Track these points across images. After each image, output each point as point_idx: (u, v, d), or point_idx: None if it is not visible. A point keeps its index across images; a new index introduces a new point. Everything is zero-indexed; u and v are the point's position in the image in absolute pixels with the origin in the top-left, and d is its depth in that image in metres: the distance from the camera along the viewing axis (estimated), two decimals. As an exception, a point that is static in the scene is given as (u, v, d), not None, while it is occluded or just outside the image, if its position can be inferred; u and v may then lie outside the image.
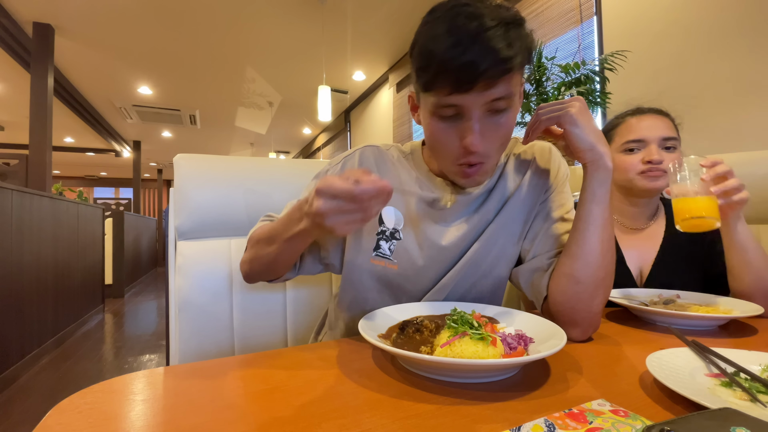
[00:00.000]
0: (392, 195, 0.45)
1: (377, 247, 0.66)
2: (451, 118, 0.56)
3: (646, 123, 0.89)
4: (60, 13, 3.19)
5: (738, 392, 0.39)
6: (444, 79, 0.52)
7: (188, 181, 0.88)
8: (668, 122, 0.91)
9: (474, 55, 0.49)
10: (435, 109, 0.56)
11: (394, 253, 0.66)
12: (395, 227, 0.66)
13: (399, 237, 0.66)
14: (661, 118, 0.91)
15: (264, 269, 0.66)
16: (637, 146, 0.89)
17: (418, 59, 0.55)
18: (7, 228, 2.21)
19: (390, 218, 0.66)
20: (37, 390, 2.15)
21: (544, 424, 0.32)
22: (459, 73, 0.50)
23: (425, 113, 0.59)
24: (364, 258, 0.66)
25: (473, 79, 0.50)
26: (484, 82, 0.50)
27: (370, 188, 0.42)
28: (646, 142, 0.88)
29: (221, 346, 0.86)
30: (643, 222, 0.95)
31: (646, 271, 0.91)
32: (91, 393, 0.41)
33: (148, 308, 4.28)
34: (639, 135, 0.89)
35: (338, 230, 0.45)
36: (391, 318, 0.59)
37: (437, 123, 0.57)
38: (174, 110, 5.62)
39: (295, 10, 3.16)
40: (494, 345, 0.46)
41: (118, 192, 12.03)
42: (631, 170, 0.89)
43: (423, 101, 0.59)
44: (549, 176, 0.69)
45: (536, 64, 1.52)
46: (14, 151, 7.02)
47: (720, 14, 1.44)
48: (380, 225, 0.66)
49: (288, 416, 0.36)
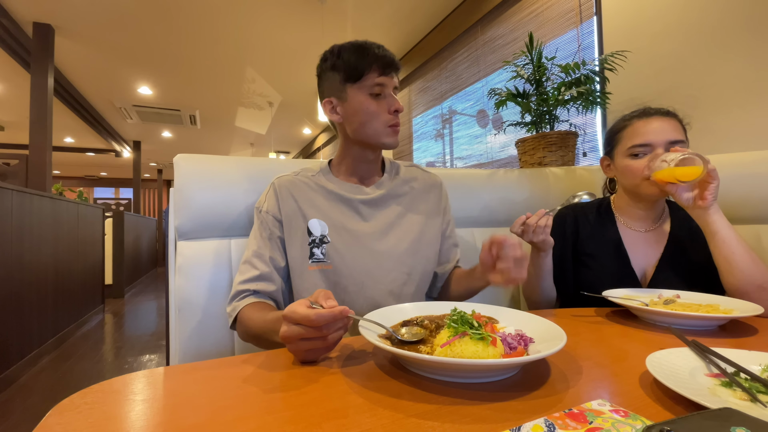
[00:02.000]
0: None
1: (311, 255, 0.79)
2: (378, 96, 0.80)
3: (653, 126, 0.88)
4: (60, 13, 3.19)
5: (738, 392, 0.39)
6: (376, 67, 0.78)
7: (188, 182, 0.88)
8: (675, 124, 0.89)
9: (390, 53, 0.80)
10: (368, 90, 0.79)
11: (326, 255, 0.79)
12: (322, 234, 0.80)
13: (327, 241, 0.80)
14: (668, 120, 0.89)
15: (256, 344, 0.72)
16: (643, 151, 0.88)
17: (351, 58, 0.79)
18: (7, 228, 2.21)
19: (316, 228, 0.80)
20: (38, 390, 2.15)
21: (544, 424, 0.32)
22: (385, 62, 0.79)
23: (357, 100, 0.80)
24: (303, 267, 0.79)
25: (392, 66, 0.80)
26: (395, 71, 0.81)
27: (326, 314, 0.47)
28: (653, 147, 0.87)
29: (221, 346, 0.86)
30: (650, 224, 0.95)
31: (650, 273, 0.91)
32: (91, 393, 0.41)
33: (148, 308, 4.28)
34: (645, 139, 0.87)
35: (299, 358, 0.51)
36: (391, 318, 0.59)
37: (370, 101, 0.79)
38: (174, 110, 5.62)
39: (295, 10, 3.16)
40: (494, 345, 0.46)
41: (118, 192, 12.02)
42: (638, 175, 0.88)
43: (353, 93, 0.80)
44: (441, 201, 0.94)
45: (536, 65, 1.52)
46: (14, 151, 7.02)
47: (720, 14, 1.44)
48: (309, 236, 0.80)
49: (288, 416, 0.36)
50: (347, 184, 0.86)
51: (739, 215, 1.04)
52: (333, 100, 0.83)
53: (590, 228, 0.98)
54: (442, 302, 0.66)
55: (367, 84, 0.79)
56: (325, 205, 0.82)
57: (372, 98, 0.79)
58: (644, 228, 0.95)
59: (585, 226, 0.98)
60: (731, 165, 1.06)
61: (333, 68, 0.81)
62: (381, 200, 0.86)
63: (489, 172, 1.28)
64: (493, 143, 2.83)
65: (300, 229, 0.80)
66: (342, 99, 0.81)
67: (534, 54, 1.52)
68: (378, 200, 0.85)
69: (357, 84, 0.79)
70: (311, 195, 0.83)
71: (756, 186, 1.02)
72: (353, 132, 0.82)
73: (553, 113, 1.49)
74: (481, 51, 2.89)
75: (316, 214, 0.81)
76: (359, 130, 0.81)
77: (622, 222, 0.96)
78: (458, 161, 3.30)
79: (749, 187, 1.03)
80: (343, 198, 0.83)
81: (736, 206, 1.04)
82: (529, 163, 1.50)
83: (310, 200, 0.82)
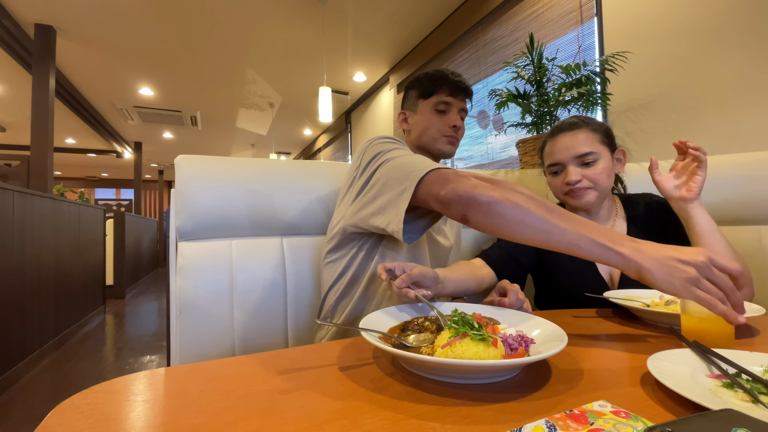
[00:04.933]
0: None
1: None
2: (442, 113, 0.94)
3: (559, 145, 0.91)
4: (61, 14, 3.20)
5: (739, 393, 0.39)
6: (446, 88, 0.93)
7: (189, 182, 0.88)
8: (585, 135, 0.89)
9: (464, 81, 0.95)
10: (434, 105, 0.94)
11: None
12: None
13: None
14: (575, 134, 0.90)
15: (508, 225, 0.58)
16: (557, 168, 0.92)
17: (428, 79, 0.95)
18: (9, 229, 2.22)
19: None
20: (39, 390, 2.15)
21: (545, 425, 0.32)
22: (455, 86, 0.93)
23: (424, 113, 0.95)
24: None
25: (461, 90, 0.94)
26: (463, 95, 0.95)
27: None
28: (563, 164, 0.91)
29: (222, 346, 0.86)
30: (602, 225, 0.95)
31: (616, 275, 0.90)
32: (92, 393, 0.41)
33: (149, 309, 4.28)
34: (554, 158, 0.92)
35: None
36: (391, 319, 0.59)
37: (434, 114, 0.94)
38: (175, 111, 5.63)
39: (296, 11, 3.17)
40: (495, 346, 0.46)
41: (119, 193, 12.04)
42: (559, 191, 0.94)
43: (422, 107, 0.95)
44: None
45: (537, 65, 1.52)
46: (16, 152, 7.04)
47: (721, 15, 1.44)
48: None
49: (289, 417, 0.36)
50: None
51: (740, 216, 1.04)
52: (406, 112, 1.00)
53: None
54: (443, 303, 0.66)
55: (435, 101, 0.93)
56: None
57: (436, 113, 0.93)
58: None
59: None
60: (732, 166, 1.05)
61: (412, 86, 0.98)
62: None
63: (490, 173, 1.28)
64: (493, 144, 2.83)
65: None
66: (413, 111, 0.97)
67: (535, 55, 1.52)
68: None
69: (427, 100, 0.94)
70: None
71: (756, 187, 1.02)
72: (416, 138, 0.96)
73: (554, 114, 1.50)
74: (481, 52, 2.89)
75: None
76: (420, 137, 0.95)
77: None
78: (459, 162, 3.30)
79: (750, 188, 1.03)
80: None
81: (737, 207, 1.04)
82: (529, 164, 1.50)
83: None
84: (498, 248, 0.96)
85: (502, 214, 0.57)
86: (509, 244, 0.96)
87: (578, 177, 0.87)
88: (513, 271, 0.94)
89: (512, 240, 0.58)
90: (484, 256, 0.94)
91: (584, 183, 0.87)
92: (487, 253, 0.95)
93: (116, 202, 8.07)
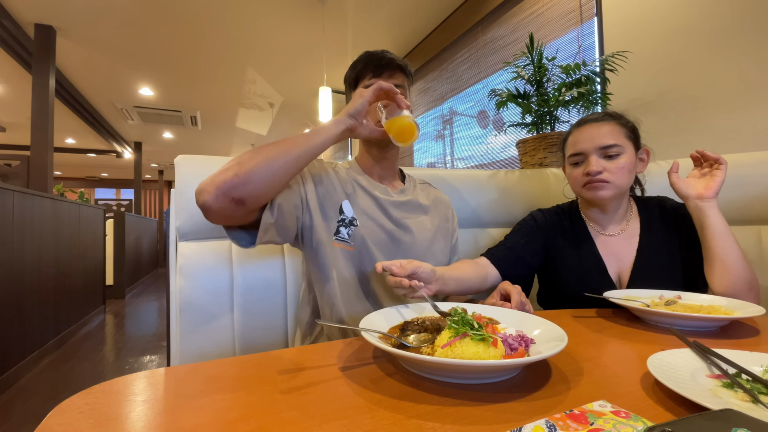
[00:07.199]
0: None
1: (337, 232, 0.81)
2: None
3: (584, 135, 0.90)
4: (61, 14, 3.20)
5: (739, 393, 0.39)
6: (368, 71, 0.86)
7: (189, 182, 0.88)
8: (611, 128, 0.88)
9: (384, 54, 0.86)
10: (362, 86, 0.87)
11: (351, 237, 0.82)
12: (352, 216, 0.83)
13: (356, 224, 0.82)
14: (601, 125, 0.89)
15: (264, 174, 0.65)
16: (579, 159, 0.91)
17: (350, 71, 0.90)
18: (9, 229, 2.22)
19: (348, 210, 0.83)
20: (39, 390, 2.15)
21: (545, 425, 0.32)
22: (375, 63, 0.85)
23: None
24: (328, 241, 0.81)
25: (385, 66, 0.85)
26: (390, 70, 0.86)
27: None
28: (585, 154, 0.89)
29: (222, 346, 0.86)
30: (615, 226, 0.94)
31: (625, 277, 0.90)
32: (92, 393, 0.41)
33: (149, 309, 4.28)
34: (577, 148, 0.91)
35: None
36: (392, 319, 0.59)
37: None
38: (175, 111, 5.63)
39: (296, 11, 3.17)
40: (495, 346, 0.46)
41: (119, 193, 12.03)
42: (577, 183, 0.92)
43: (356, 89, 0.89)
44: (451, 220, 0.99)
45: (537, 65, 1.52)
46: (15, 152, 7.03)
47: (721, 15, 1.44)
48: (340, 214, 0.83)
49: (289, 417, 0.36)
50: (377, 183, 0.91)
51: (740, 216, 1.04)
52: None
53: (564, 236, 0.98)
54: (442, 303, 0.66)
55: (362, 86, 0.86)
56: (358, 194, 0.87)
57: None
58: (613, 232, 0.94)
59: (561, 234, 0.99)
60: (732, 166, 1.05)
61: (344, 81, 0.93)
62: (405, 205, 0.91)
63: (490, 173, 1.28)
64: (493, 144, 2.83)
65: (335, 204, 0.83)
66: (350, 93, 0.92)
67: (534, 55, 1.52)
68: (403, 204, 0.90)
69: (356, 90, 0.85)
70: (349, 183, 0.88)
71: (757, 187, 1.02)
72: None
73: (554, 114, 1.49)
74: (481, 52, 2.89)
75: (349, 199, 0.86)
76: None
77: (592, 227, 0.96)
78: (459, 162, 3.30)
79: (750, 188, 1.03)
80: (373, 195, 0.87)
81: (737, 207, 1.04)
82: (529, 164, 1.50)
83: (348, 186, 0.87)
84: (504, 247, 0.95)
85: (249, 171, 0.63)
86: (516, 243, 0.96)
87: (599, 168, 0.86)
88: (519, 271, 0.94)
89: (282, 179, 0.67)
90: (489, 255, 0.94)
91: (604, 176, 0.86)
92: (492, 252, 0.95)
93: (116, 202, 8.08)
